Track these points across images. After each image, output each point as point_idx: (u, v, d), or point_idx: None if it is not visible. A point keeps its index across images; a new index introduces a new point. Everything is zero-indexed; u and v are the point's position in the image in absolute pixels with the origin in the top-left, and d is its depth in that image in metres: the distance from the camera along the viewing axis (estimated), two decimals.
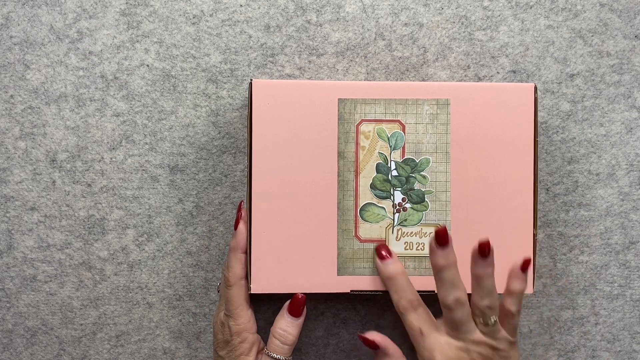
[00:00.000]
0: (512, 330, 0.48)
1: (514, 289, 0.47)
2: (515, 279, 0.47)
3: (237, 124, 0.54)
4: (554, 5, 0.55)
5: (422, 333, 0.47)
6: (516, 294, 0.47)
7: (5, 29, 0.53)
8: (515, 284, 0.47)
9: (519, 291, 0.47)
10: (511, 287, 0.47)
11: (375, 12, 0.54)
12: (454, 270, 0.46)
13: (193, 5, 0.54)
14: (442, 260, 0.46)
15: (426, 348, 0.47)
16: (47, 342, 0.55)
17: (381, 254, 0.49)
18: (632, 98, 0.55)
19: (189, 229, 0.55)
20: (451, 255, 0.46)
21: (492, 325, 0.46)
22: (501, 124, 0.49)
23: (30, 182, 0.54)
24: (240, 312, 0.49)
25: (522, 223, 0.50)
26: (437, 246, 0.46)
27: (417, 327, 0.47)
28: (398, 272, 0.48)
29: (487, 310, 0.46)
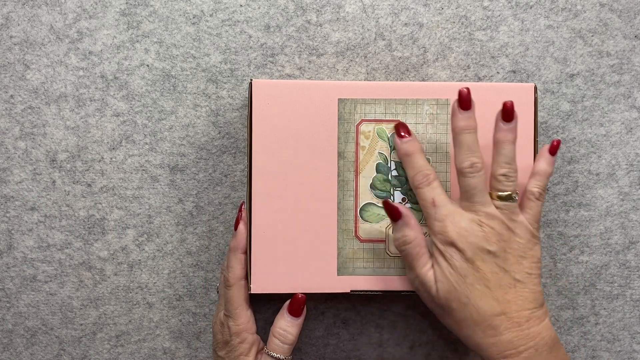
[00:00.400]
0: (532, 218, 0.46)
1: (539, 169, 0.47)
2: (542, 159, 0.47)
3: (237, 124, 0.54)
4: (554, 5, 0.55)
5: (435, 204, 0.46)
6: (541, 175, 0.47)
7: (5, 29, 0.53)
8: (541, 164, 0.47)
9: (544, 172, 0.47)
10: (537, 167, 0.47)
11: (375, 12, 0.54)
12: (474, 135, 0.46)
13: (193, 5, 0.54)
14: (462, 122, 0.46)
15: (438, 218, 0.46)
16: (47, 342, 0.55)
17: (400, 132, 0.48)
18: (632, 98, 0.55)
19: (189, 229, 0.55)
20: (472, 119, 0.46)
21: (508, 200, 0.45)
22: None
23: (30, 182, 0.54)
24: (240, 313, 0.49)
25: None
26: (459, 109, 0.46)
27: (431, 198, 0.46)
28: (416, 150, 0.48)
29: (504, 180, 0.45)
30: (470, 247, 0.44)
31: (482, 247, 0.44)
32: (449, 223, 0.45)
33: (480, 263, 0.44)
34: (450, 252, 0.45)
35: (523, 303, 0.44)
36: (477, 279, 0.44)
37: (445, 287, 0.45)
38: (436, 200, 0.46)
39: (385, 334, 0.55)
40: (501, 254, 0.45)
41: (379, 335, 0.55)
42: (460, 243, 0.44)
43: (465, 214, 0.45)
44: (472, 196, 0.45)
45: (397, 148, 0.49)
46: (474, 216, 0.45)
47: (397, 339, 0.56)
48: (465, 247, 0.44)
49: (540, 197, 0.46)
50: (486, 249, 0.44)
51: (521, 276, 0.45)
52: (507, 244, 0.45)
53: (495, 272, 0.44)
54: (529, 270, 0.45)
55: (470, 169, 0.45)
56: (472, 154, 0.46)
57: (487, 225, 0.45)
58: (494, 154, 0.46)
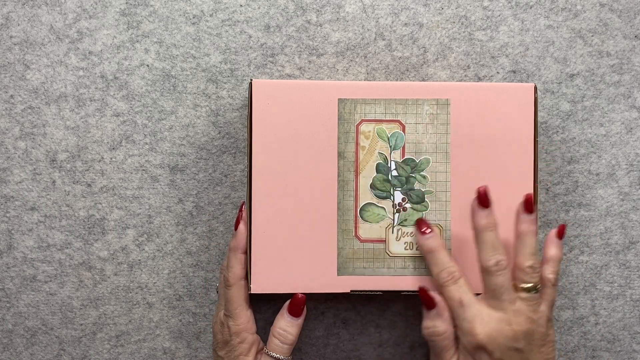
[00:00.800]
0: (549, 304, 0.47)
1: (552, 255, 0.47)
2: (551, 245, 0.48)
3: (237, 124, 0.54)
4: (554, 5, 0.55)
5: (463, 304, 0.46)
6: (554, 261, 0.47)
7: (5, 29, 0.53)
8: (552, 250, 0.48)
9: (556, 258, 0.47)
10: (548, 253, 0.48)
11: (375, 12, 0.54)
12: (495, 232, 0.46)
13: (193, 5, 0.54)
14: (483, 220, 0.46)
15: (466, 319, 0.46)
16: (47, 342, 0.55)
17: (421, 229, 0.49)
18: (632, 98, 0.55)
19: (189, 229, 0.55)
20: (492, 217, 0.46)
21: (534, 292, 0.46)
22: (501, 124, 0.49)
23: (30, 182, 0.54)
24: (240, 313, 0.49)
25: None
26: (479, 207, 0.47)
27: (458, 297, 0.46)
28: (439, 246, 0.48)
29: (530, 271, 0.46)
30: (499, 348, 0.45)
31: (511, 346, 0.45)
32: (478, 325, 0.45)
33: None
34: (479, 354, 0.46)
35: None
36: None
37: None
38: (464, 300, 0.46)
39: (385, 334, 0.55)
40: (527, 348, 0.46)
41: (379, 335, 0.55)
42: (489, 346, 0.45)
43: (493, 313, 0.46)
44: (500, 295, 0.46)
45: (419, 244, 0.49)
46: (502, 315, 0.46)
47: (397, 339, 0.56)
48: (495, 349, 0.45)
49: (556, 283, 0.48)
50: (514, 347, 0.45)
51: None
52: (531, 337, 0.46)
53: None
54: (547, 355, 0.47)
55: (496, 267, 0.46)
56: (496, 251, 0.46)
57: (515, 323, 0.45)
58: (518, 245, 0.47)
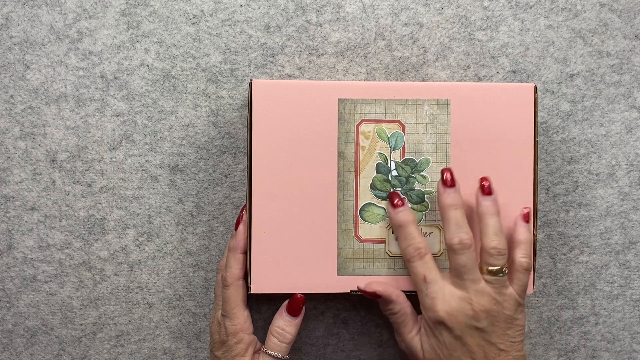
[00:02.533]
0: (519, 289, 0.47)
1: (522, 238, 0.47)
2: (520, 228, 0.48)
3: (237, 124, 0.54)
4: (554, 5, 0.55)
5: (426, 280, 0.47)
6: (525, 243, 0.47)
7: (5, 29, 0.53)
8: (521, 232, 0.48)
9: (526, 240, 0.48)
10: (517, 236, 0.48)
11: (375, 12, 0.54)
12: (460, 211, 0.47)
13: (193, 5, 0.54)
14: (448, 199, 0.47)
15: (428, 295, 0.46)
16: (47, 342, 0.55)
17: (393, 201, 0.49)
18: (632, 98, 0.55)
19: (189, 229, 0.55)
20: (457, 196, 0.47)
21: (499, 274, 0.46)
22: (501, 124, 0.49)
23: (30, 182, 0.54)
24: (237, 313, 0.49)
25: None
26: (444, 187, 0.47)
27: (422, 273, 0.47)
28: (409, 221, 0.48)
29: (495, 253, 0.46)
30: (459, 326, 0.46)
31: (471, 324, 0.46)
32: (439, 302, 0.46)
33: (468, 339, 0.46)
34: (440, 329, 0.46)
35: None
36: (464, 353, 0.46)
37: (432, 356, 0.47)
38: (427, 277, 0.47)
39: (385, 334, 0.55)
40: (489, 329, 0.46)
41: (379, 335, 0.55)
42: (449, 322, 0.46)
43: (456, 291, 0.46)
44: (462, 273, 0.46)
45: (390, 217, 0.49)
46: (464, 294, 0.46)
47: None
48: (455, 326, 0.46)
49: (529, 267, 0.47)
50: (475, 326, 0.46)
51: (505, 346, 0.46)
52: (494, 318, 0.46)
53: (481, 346, 0.46)
54: (513, 338, 0.46)
55: (459, 245, 0.46)
56: (460, 230, 0.46)
57: (477, 302, 0.46)
58: (481, 227, 0.47)
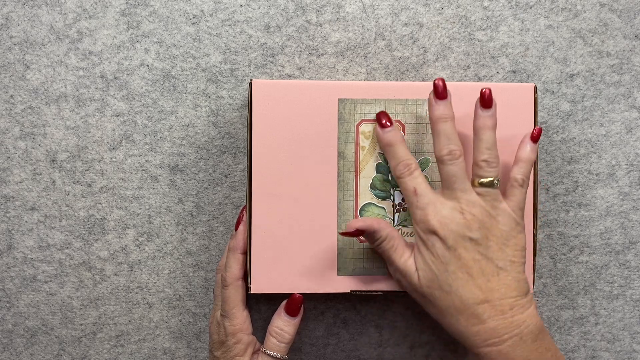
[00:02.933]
0: (515, 205, 0.46)
1: (522, 156, 0.47)
2: (524, 146, 0.47)
3: (237, 124, 0.54)
4: (554, 5, 0.55)
5: (417, 193, 0.46)
6: (524, 162, 0.47)
7: (5, 29, 0.53)
8: (523, 150, 0.47)
9: (527, 159, 0.47)
10: (519, 154, 0.47)
11: (375, 12, 0.54)
12: (450, 123, 0.46)
13: (193, 5, 0.54)
14: (438, 111, 0.46)
15: (419, 207, 0.46)
16: (47, 342, 0.55)
17: (381, 121, 0.48)
18: (632, 98, 0.55)
19: (189, 229, 0.55)
20: (448, 108, 0.46)
21: (489, 186, 0.45)
22: (501, 124, 0.49)
23: (30, 182, 0.54)
24: (236, 313, 0.49)
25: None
26: (435, 99, 0.46)
27: (412, 187, 0.46)
28: (397, 139, 0.48)
29: (485, 165, 0.45)
30: (451, 235, 0.44)
31: (463, 234, 0.44)
32: (430, 211, 0.45)
33: (462, 251, 0.44)
34: (432, 240, 0.45)
35: (506, 291, 0.44)
36: (459, 267, 0.44)
37: (427, 275, 0.45)
38: (418, 189, 0.46)
39: (385, 334, 0.55)
40: (483, 242, 0.44)
41: (379, 335, 0.55)
42: (441, 231, 0.44)
43: (447, 202, 0.45)
44: (452, 183, 0.45)
45: (378, 138, 0.49)
46: (455, 204, 0.45)
47: (397, 339, 0.56)
48: (447, 235, 0.44)
49: (524, 184, 0.46)
50: (468, 236, 0.44)
51: (504, 264, 0.45)
52: (489, 231, 0.45)
53: (477, 260, 0.44)
54: (512, 257, 0.45)
55: (448, 156, 0.45)
56: (449, 141, 0.46)
57: (468, 212, 0.45)
58: (475, 141, 0.46)
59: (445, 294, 0.45)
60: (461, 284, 0.44)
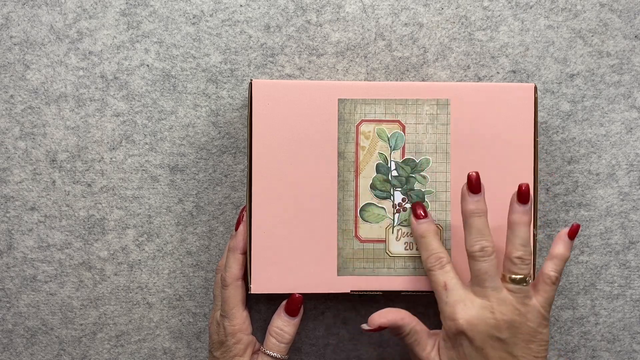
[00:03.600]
0: (545, 301, 0.46)
1: (557, 253, 0.46)
2: (560, 242, 0.47)
3: (237, 124, 0.54)
4: (554, 5, 0.55)
5: (447, 288, 0.46)
6: (559, 259, 0.46)
7: (5, 29, 0.53)
8: (559, 247, 0.46)
9: (562, 257, 0.46)
10: (555, 250, 0.46)
11: (375, 12, 0.54)
12: (484, 218, 0.46)
13: (193, 5, 0.54)
14: (472, 205, 0.46)
15: (449, 303, 0.45)
16: (47, 342, 0.55)
17: (417, 212, 0.48)
18: (632, 98, 0.55)
19: (189, 229, 0.55)
20: (482, 203, 0.46)
21: (522, 283, 0.45)
22: (501, 124, 0.49)
23: (30, 182, 0.54)
24: (236, 313, 0.49)
25: None
26: (469, 192, 0.46)
27: (443, 281, 0.46)
28: (430, 232, 0.48)
29: (519, 262, 0.45)
30: (480, 336, 0.44)
31: (492, 335, 0.44)
32: (460, 310, 0.45)
33: (489, 350, 0.44)
34: (460, 339, 0.45)
35: None
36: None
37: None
38: (448, 284, 0.46)
39: (385, 334, 0.55)
40: (511, 340, 0.44)
41: (379, 335, 0.55)
42: (470, 332, 0.44)
43: (477, 300, 0.45)
44: (483, 281, 0.45)
45: (412, 229, 0.49)
46: (486, 302, 0.45)
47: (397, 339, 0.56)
48: (475, 335, 0.44)
49: (557, 282, 0.46)
50: (496, 336, 0.44)
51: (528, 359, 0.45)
52: (517, 329, 0.45)
53: (503, 358, 0.45)
54: (537, 353, 0.45)
55: (481, 253, 0.45)
56: (482, 237, 0.45)
57: (499, 311, 0.44)
58: (509, 235, 0.46)
59: None
60: None
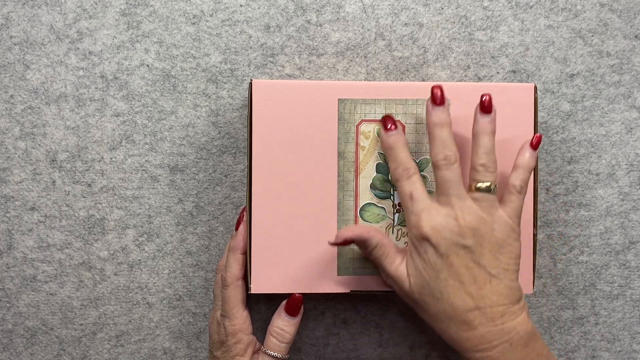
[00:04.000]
0: (512, 212, 0.45)
1: (521, 162, 0.46)
2: (523, 152, 0.47)
3: (237, 124, 0.54)
4: (554, 5, 0.55)
5: (413, 197, 0.45)
6: (523, 168, 0.46)
7: (5, 29, 0.53)
8: (523, 157, 0.46)
9: (526, 165, 0.46)
10: (518, 160, 0.47)
11: (375, 12, 0.54)
12: (447, 129, 0.46)
13: (193, 5, 0.54)
14: (435, 117, 0.46)
15: (414, 212, 0.45)
16: (47, 342, 0.55)
17: (386, 125, 0.48)
18: (632, 98, 0.55)
19: (189, 229, 0.55)
20: (445, 114, 0.46)
21: (486, 191, 0.45)
22: (501, 124, 0.49)
23: (30, 182, 0.54)
24: (236, 313, 0.49)
25: (522, 223, 0.50)
26: (433, 105, 0.46)
27: (409, 191, 0.46)
28: (399, 143, 0.47)
29: (483, 170, 0.45)
30: (444, 242, 0.44)
31: (457, 242, 0.44)
32: (424, 217, 0.45)
33: (455, 258, 0.44)
34: (424, 247, 0.44)
35: (498, 299, 0.44)
36: (451, 274, 0.44)
37: (419, 281, 0.45)
38: (414, 194, 0.45)
39: (385, 334, 0.55)
40: (477, 249, 0.44)
41: (379, 335, 0.55)
42: (434, 238, 0.44)
43: (442, 208, 0.45)
44: (447, 189, 0.45)
45: (381, 140, 0.48)
46: (450, 210, 0.45)
47: (397, 339, 0.56)
48: (440, 242, 0.44)
49: (522, 191, 0.46)
50: (461, 243, 0.44)
51: (497, 271, 0.44)
52: (483, 238, 0.44)
53: (469, 267, 0.44)
54: (506, 265, 0.45)
55: (444, 161, 0.45)
56: (445, 147, 0.45)
57: (462, 219, 0.44)
58: (473, 145, 0.46)
59: (436, 300, 0.44)
60: (452, 291, 0.44)
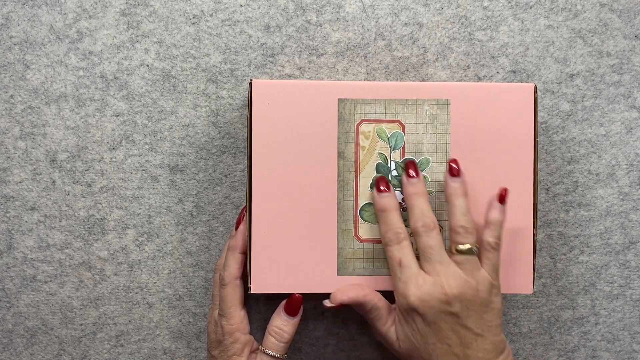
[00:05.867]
0: (491, 269, 0.47)
1: (492, 219, 0.47)
2: (492, 209, 0.48)
3: (237, 124, 0.54)
4: (554, 5, 0.55)
5: (401, 264, 0.46)
6: (495, 224, 0.47)
7: (5, 29, 0.53)
8: (492, 213, 0.47)
9: (497, 221, 0.47)
10: (488, 216, 0.47)
11: (375, 12, 0.54)
12: (423, 199, 0.47)
13: (193, 5, 0.54)
14: (411, 188, 0.47)
15: (402, 280, 0.46)
16: (47, 342, 0.55)
17: (379, 187, 0.49)
18: (632, 98, 0.55)
19: (189, 229, 0.55)
20: (420, 185, 0.48)
21: (468, 254, 0.46)
22: (501, 124, 0.49)
23: (30, 182, 0.54)
24: (234, 312, 0.49)
25: (522, 223, 0.50)
26: (407, 178, 0.48)
27: (398, 258, 0.47)
28: (391, 207, 0.48)
29: (462, 231, 0.46)
30: (431, 312, 0.45)
31: (444, 309, 0.45)
32: (412, 286, 0.46)
33: (442, 324, 0.45)
34: (412, 316, 0.46)
35: (483, 355, 0.45)
36: (439, 339, 0.45)
37: (408, 346, 0.47)
38: (403, 261, 0.47)
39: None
40: (463, 313, 0.45)
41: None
42: (421, 308, 0.45)
43: (428, 277, 0.46)
44: (430, 255, 0.46)
45: (374, 201, 0.49)
46: (436, 278, 0.46)
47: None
48: (427, 311, 0.45)
49: (497, 247, 0.47)
50: (448, 310, 0.45)
51: (482, 330, 0.46)
52: (469, 302, 0.45)
53: (456, 331, 0.45)
54: (490, 322, 0.46)
55: (423, 228, 0.46)
56: (423, 215, 0.47)
57: (448, 286, 0.45)
58: (449, 209, 0.47)
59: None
60: (440, 354, 0.45)
